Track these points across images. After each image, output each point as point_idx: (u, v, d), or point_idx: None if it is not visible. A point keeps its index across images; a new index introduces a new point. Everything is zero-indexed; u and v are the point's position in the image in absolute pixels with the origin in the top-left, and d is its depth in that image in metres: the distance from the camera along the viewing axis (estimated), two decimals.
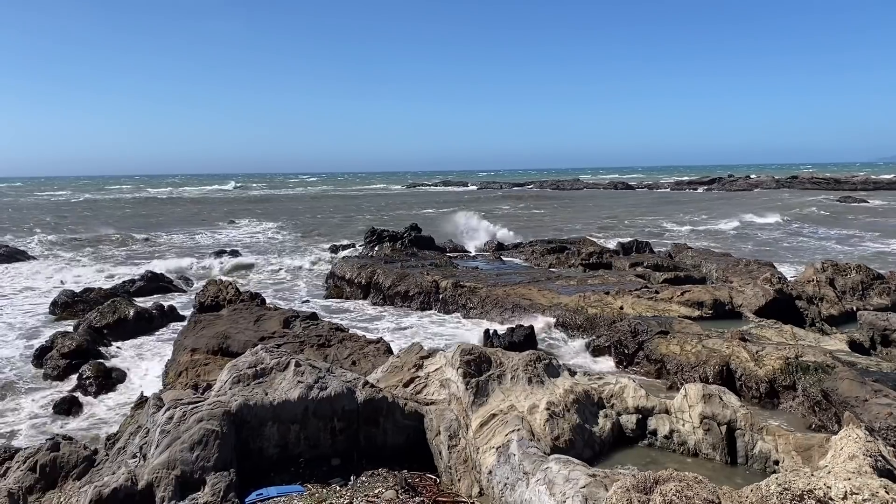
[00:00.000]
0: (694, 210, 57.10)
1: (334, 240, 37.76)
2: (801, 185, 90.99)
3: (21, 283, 24.18)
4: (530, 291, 17.70)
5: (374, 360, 11.50)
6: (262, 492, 6.69)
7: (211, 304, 16.58)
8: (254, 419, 7.21)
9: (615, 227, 44.56)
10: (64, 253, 33.25)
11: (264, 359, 7.91)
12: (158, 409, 7.30)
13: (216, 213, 60.85)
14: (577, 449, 7.58)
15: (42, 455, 7.16)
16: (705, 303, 15.60)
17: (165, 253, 33.56)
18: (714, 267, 21.71)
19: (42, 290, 22.58)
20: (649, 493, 4.56)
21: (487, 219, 39.65)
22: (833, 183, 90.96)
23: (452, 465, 7.37)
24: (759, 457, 7.64)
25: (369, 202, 79.39)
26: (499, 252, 28.73)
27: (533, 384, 8.29)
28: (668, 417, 8.28)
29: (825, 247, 32.53)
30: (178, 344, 13.49)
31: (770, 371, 11.28)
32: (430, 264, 22.74)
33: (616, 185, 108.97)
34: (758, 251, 30.44)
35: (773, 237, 37.34)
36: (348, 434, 7.58)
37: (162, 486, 6.43)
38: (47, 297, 20.43)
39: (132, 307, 16.94)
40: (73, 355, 13.21)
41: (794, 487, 4.49)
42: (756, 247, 32.89)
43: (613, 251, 26.31)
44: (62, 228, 46.17)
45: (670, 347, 12.80)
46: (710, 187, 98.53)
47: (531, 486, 6.19)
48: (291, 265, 28.39)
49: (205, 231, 45.03)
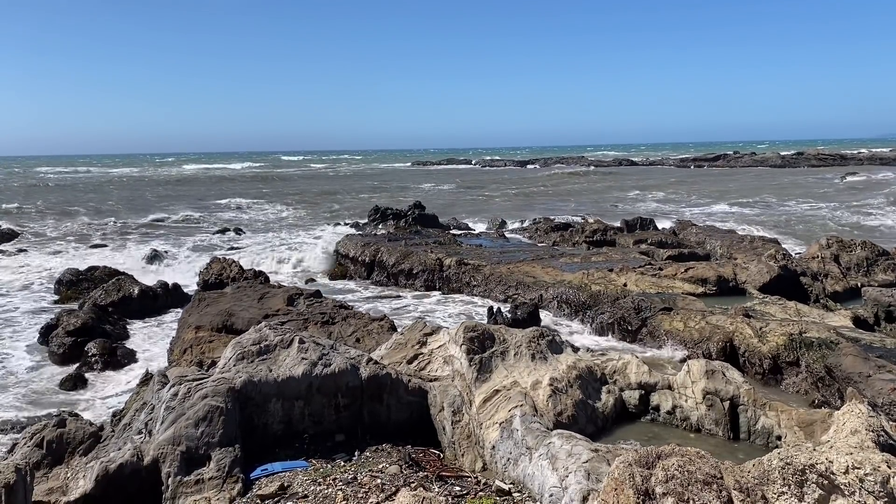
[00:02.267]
0: (697, 186, 56.88)
1: (338, 218, 37.75)
2: (806, 162, 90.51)
3: (24, 265, 24.28)
4: (534, 269, 17.69)
5: (377, 337, 11.54)
6: (267, 467, 6.75)
7: (215, 282, 16.63)
8: (258, 395, 7.24)
9: (619, 203, 44.43)
10: (75, 232, 33.28)
11: (268, 336, 7.93)
12: (163, 386, 7.34)
13: (218, 192, 60.79)
14: (579, 424, 7.61)
15: (49, 431, 7.21)
16: (709, 279, 15.58)
17: (171, 230, 33.62)
18: (718, 244, 21.67)
19: (47, 270, 22.63)
20: (651, 468, 4.58)
21: (491, 197, 39.58)
22: (839, 159, 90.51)
23: (456, 441, 7.41)
24: (762, 432, 7.67)
25: (372, 180, 79.24)
26: (502, 230, 28.70)
27: (536, 360, 8.31)
28: (670, 393, 8.31)
29: (830, 223, 32.42)
30: (183, 321, 13.54)
31: (773, 347, 11.29)
32: (434, 242, 22.73)
33: (620, 162, 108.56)
34: (763, 227, 30.34)
35: (778, 213, 37.21)
36: (352, 410, 7.62)
37: (167, 462, 6.48)
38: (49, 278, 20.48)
39: (137, 285, 16.98)
40: (78, 333, 13.26)
41: (796, 462, 4.50)
42: (761, 223, 32.79)
43: (617, 228, 26.25)
44: (74, 207, 46.19)
45: (674, 324, 12.81)
46: (715, 164, 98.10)
47: (534, 461, 6.23)
48: (295, 243, 28.41)
49: (207, 208, 45.01)
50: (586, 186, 62.22)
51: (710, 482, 4.45)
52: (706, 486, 4.41)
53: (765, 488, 4.51)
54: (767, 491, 4.49)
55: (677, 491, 4.37)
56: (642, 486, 4.45)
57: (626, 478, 4.52)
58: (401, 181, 75.92)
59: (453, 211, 38.34)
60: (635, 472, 4.54)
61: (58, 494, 6.48)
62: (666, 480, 4.43)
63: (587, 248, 21.99)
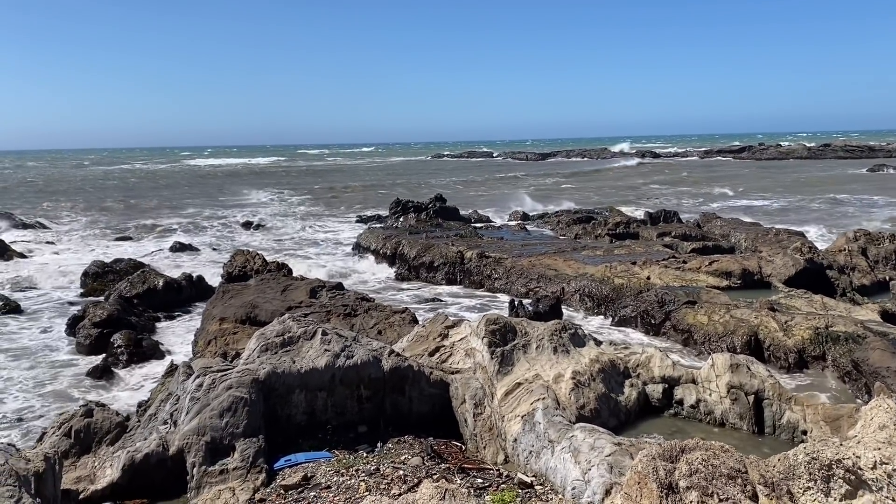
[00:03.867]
0: (723, 179, 56.27)
1: (359, 210, 37.85)
2: (833, 153, 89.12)
3: (53, 258, 24.62)
4: (556, 262, 17.63)
5: (399, 329, 11.56)
6: (291, 458, 6.80)
7: (238, 274, 16.74)
8: (282, 387, 7.30)
9: (643, 196, 44.10)
10: (98, 226, 33.69)
11: (291, 327, 7.98)
12: (188, 377, 7.42)
13: (242, 185, 61.23)
14: (602, 418, 7.59)
15: (76, 421, 7.32)
16: (734, 272, 15.43)
17: (195, 223, 33.93)
18: (743, 236, 21.44)
19: (74, 263, 22.94)
20: (675, 462, 4.55)
21: (513, 189, 39.46)
22: (867, 150, 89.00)
23: (478, 433, 7.42)
24: (787, 427, 7.59)
25: (392, 173, 79.33)
26: (524, 222, 28.61)
27: (558, 353, 8.29)
28: (694, 387, 8.25)
29: (858, 216, 31.92)
30: (207, 313, 13.66)
31: (799, 341, 11.16)
32: (455, 235, 22.71)
33: (644, 154, 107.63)
34: (788, 220, 29.96)
35: (804, 205, 36.72)
36: (375, 402, 7.65)
37: (192, 452, 6.55)
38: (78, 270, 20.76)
39: (161, 277, 17.16)
40: (104, 324, 13.43)
41: (823, 457, 4.44)
42: (786, 215, 32.38)
43: (641, 221, 26.06)
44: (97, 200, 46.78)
45: (697, 317, 12.71)
46: (740, 155, 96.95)
47: (556, 454, 6.22)
48: (318, 236, 28.56)
49: (228, 202, 45.34)
50: (609, 178, 61.79)
51: (735, 476, 4.41)
52: (731, 481, 4.38)
53: (790, 483, 4.46)
54: (793, 486, 4.44)
55: (701, 485, 4.34)
56: (666, 479, 4.43)
57: (649, 471, 4.50)
58: (421, 174, 75.94)
59: (474, 203, 38.28)
60: (659, 465, 4.51)
61: (85, 483, 6.58)
62: (690, 474, 4.40)
63: (610, 241, 21.86)
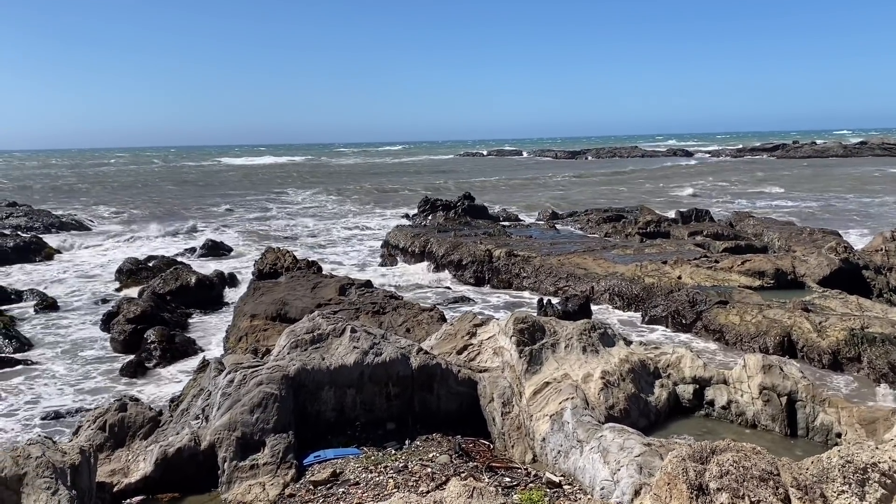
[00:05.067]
0: (754, 176, 55.48)
1: (388, 209, 37.99)
2: (871, 152, 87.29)
3: (88, 255, 25.08)
4: (585, 260, 17.52)
5: (427, 327, 11.59)
6: (320, 454, 6.86)
7: (269, 272, 16.91)
8: (311, 383, 7.36)
9: (672, 194, 43.64)
10: (129, 223, 34.23)
11: (321, 325, 8.04)
12: (220, 373, 7.51)
13: (274, 183, 61.80)
14: (632, 418, 7.54)
15: (111, 415, 7.45)
16: (766, 272, 15.21)
17: (229, 220, 34.34)
18: (776, 236, 21.11)
19: (109, 260, 23.36)
20: (706, 463, 4.50)
21: (541, 188, 39.30)
22: None
23: (506, 432, 7.41)
24: (821, 429, 7.47)
25: (421, 171, 79.47)
26: (553, 221, 28.47)
27: (587, 353, 8.24)
28: (726, 388, 8.16)
29: (895, 215, 31.26)
30: (238, 310, 13.82)
31: (834, 342, 10.97)
32: (484, 233, 22.68)
33: (675, 152, 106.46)
34: (823, 220, 29.45)
35: (839, 204, 36.05)
36: (403, 399, 7.68)
37: (224, 447, 6.64)
38: (113, 266, 21.13)
39: (194, 274, 17.39)
40: (138, 320, 13.64)
41: (858, 460, 4.37)
42: (820, 215, 31.83)
43: (672, 220, 25.78)
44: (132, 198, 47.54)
45: (729, 317, 12.55)
46: (774, 154, 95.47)
47: (585, 454, 6.19)
48: (347, 234, 28.73)
49: (262, 199, 45.79)
50: (640, 177, 61.25)
51: (767, 479, 4.36)
52: (762, 483, 4.32)
53: (824, 486, 4.39)
54: (827, 489, 4.38)
55: (732, 487, 4.29)
56: (696, 480, 4.39)
57: (679, 472, 4.46)
58: (449, 172, 75.96)
59: (503, 202, 38.19)
60: (689, 466, 4.47)
61: (119, 476, 6.70)
62: (720, 476, 4.36)
63: (640, 240, 21.67)
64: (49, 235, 28.08)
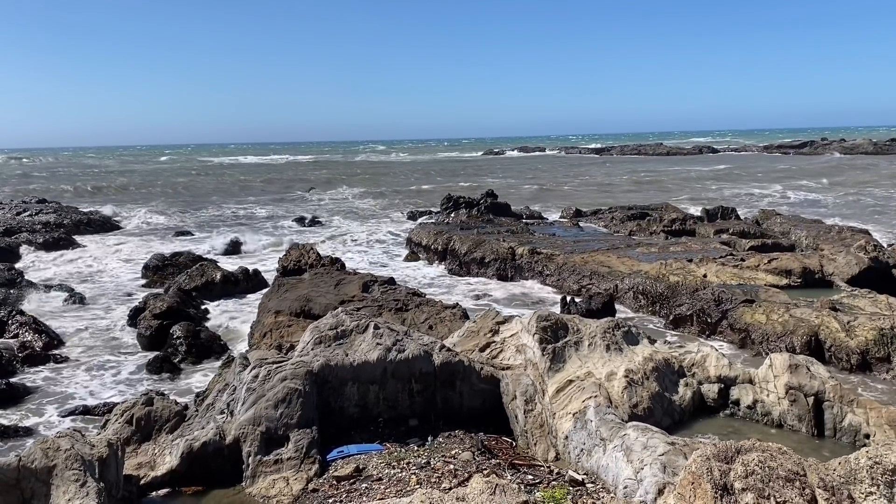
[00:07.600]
0: (783, 174, 54.77)
1: (411, 206, 38.06)
2: None
3: (115, 251, 25.43)
4: (609, 258, 17.42)
5: (450, 324, 11.60)
6: (343, 449, 6.90)
7: (293, 269, 17.03)
8: (335, 379, 7.40)
9: (698, 192, 43.23)
10: (155, 219, 34.63)
11: (344, 321, 8.09)
12: (244, 368, 7.58)
13: (295, 181, 62.12)
14: (655, 417, 7.49)
15: (137, 409, 7.56)
16: (793, 271, 15.02)
17: (252, 217, 34.63)
18: (804, 234, 20.83)
19: (136, 256, 23.67)
20: (731, 463, 4.46)
21: (566, 185, 39.14)
22: None
23: (528, 430, 7.40)
24: (849, 430, 7.37)
25: (444, 169, 79.41)
26: (577, 219, 28.34)
27: (611, 351, 8.20)
28: (751, 387, 8.08)
29: None
30: (263, 306, 13.93)
31: (863, 342, 10.81)
32: (507, 231, 22.64)
33: (701, 149, 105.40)
34: (851, 218, 29.01)
35: (869, 202, 35.49)
36: (426, 396, 7.70)
37: (248, 442, 6.70)
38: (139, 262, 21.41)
39: (219, 270, 17.57)
40: (164, 316, 13.81)
41: (886, 461, 4.31)
42: (849, 213, 31.35)
43: (697, 218, 25.55)
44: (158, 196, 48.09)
45: (755, 316, 12.41)
46: (801, 151, 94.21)
47: (608, 453, 6.16)
48: (370, 231, 28.84)
49: (283, 198, 46.09)
50: (665, 174, 60.74)
51: (793, 479, 4.31)
52: (788, 483, 4.28)
53: (851, 488, 4.33)
54: (854, 490, 4.32)
55: (757, 487, 4.25)
56: (720, 480, 4.35)
57: (703, 472, 4.42)
58: (472, 170, 75.82)
59: (526, 200, 38.10)
60: (713, 466, 4.43)
61: (146, 469, 6.79)
62: (746, 476, 4.31)
63: (665, 238, 21.49)
64: (77, 233, 28.51)
